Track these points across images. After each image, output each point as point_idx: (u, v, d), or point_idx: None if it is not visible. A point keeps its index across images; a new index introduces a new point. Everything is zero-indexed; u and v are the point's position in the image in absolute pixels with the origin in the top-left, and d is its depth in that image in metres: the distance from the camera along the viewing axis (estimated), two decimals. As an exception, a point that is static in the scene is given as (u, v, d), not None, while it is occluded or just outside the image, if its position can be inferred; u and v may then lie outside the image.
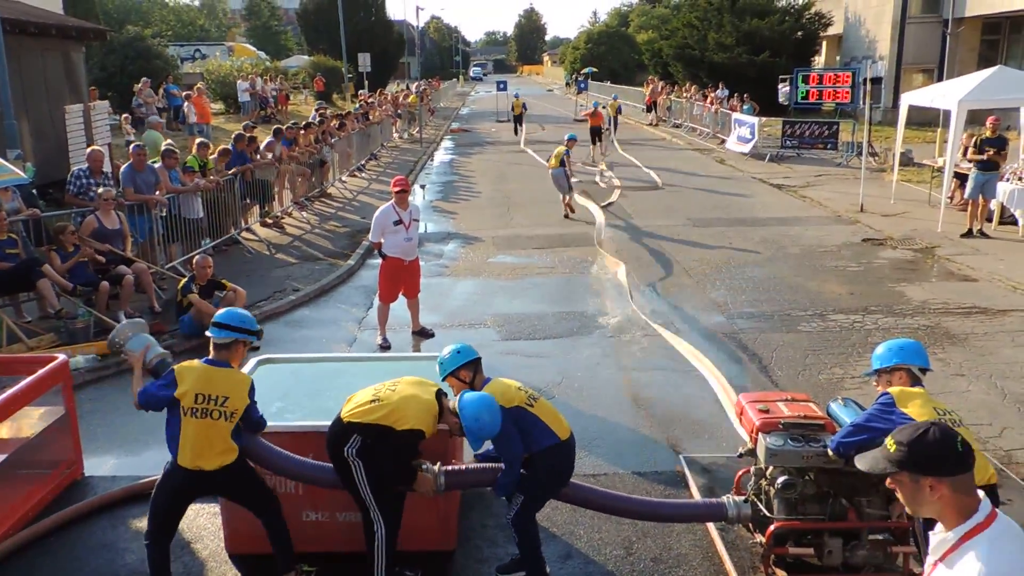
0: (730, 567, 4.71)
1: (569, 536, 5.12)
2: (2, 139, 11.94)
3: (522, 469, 4.37)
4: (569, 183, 15.33)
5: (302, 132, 16.56)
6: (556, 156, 15.00)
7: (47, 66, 14.50)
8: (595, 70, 49.58)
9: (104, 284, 8.79)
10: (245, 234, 13.13)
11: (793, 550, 4.51)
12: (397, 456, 4.22)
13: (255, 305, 9.50)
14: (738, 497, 4.73)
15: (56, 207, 11.50)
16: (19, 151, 11.88)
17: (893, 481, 2.30)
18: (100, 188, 9.71)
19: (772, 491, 4.50)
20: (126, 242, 9.79)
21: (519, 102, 29.61)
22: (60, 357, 5.81)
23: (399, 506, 4.42)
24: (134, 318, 6.21)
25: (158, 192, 10.58)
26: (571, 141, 15.60)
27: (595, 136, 22.60)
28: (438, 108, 44.41)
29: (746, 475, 4.90)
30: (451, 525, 5.02)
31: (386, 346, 8.44)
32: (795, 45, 34.86)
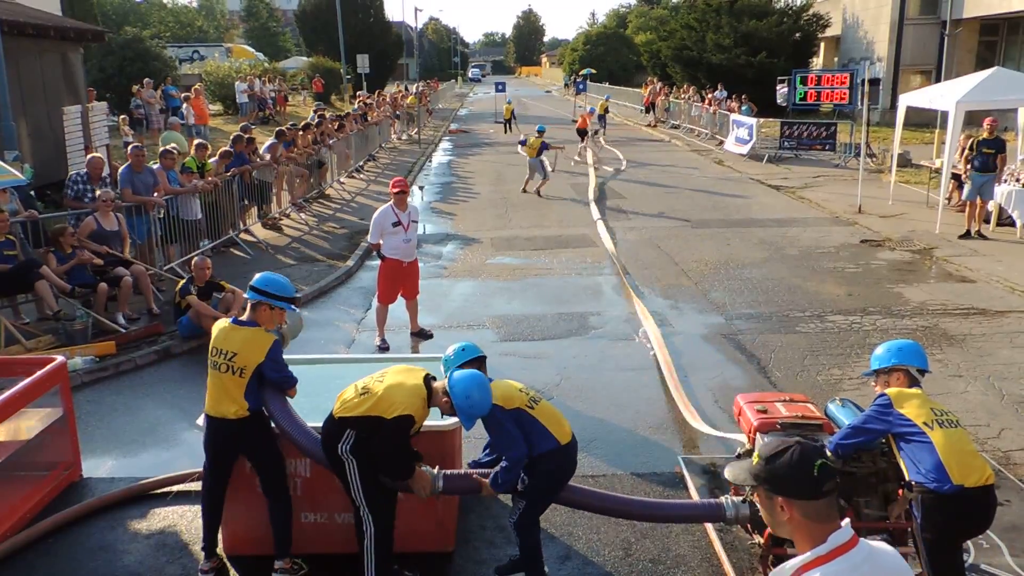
0: (729, 568, 4.72)
1: (568, 537, 5.12)
2: (0, 140, 11.93)
3: (523, 474, 4.36)
4: (545, 171, 17.80)
5: (300, 133, 16.57)
6: (532, 147, 17.71)
7: (45, 67, 14.48)
8: (593, 71, 49.62)
9: (102, 286, 8.78)
10: (243, 235, 13.13)
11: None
12: (391, 445, 4.20)
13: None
14: (736, 498, 4.72)
15: (54, 208, 11.49)
16: (17, 152, 11.87)
17: (756, 494, 2.24)
18: (98, 192, 9.70)
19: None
20: (124, 243, 9.78)
21: (509, 108, 32.59)
22: (58, 358, 5.81)
23: (391, 507, 4.41)
24: (133, 319, 6.23)
25: (156, 193, 10.58)
26: (541, 133, 18.08)
27: (581, 136, 24.12)
28: (436, 109, 44.42)
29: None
30: (449, 527, 5.02)
31: (385, 347, 8.43)
32: (793, 46, 34.91)
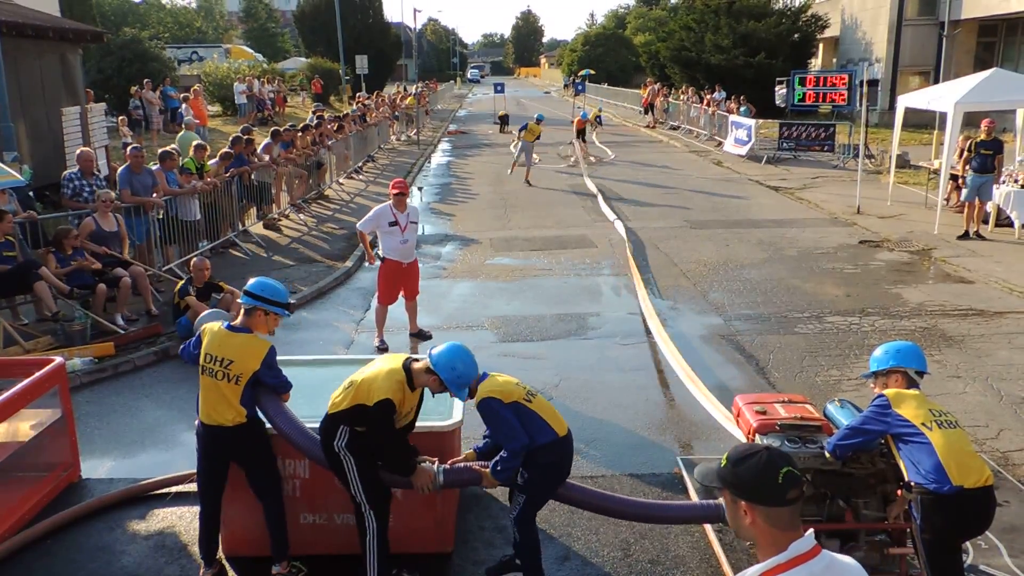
0: (727, 569, 4.72)
1: (566, 538, 5.12)
2: (-1, 141, 11.94)
3: (522, 468, 4.37)
4: (530, 159, 19.21)
5: (299, 134, 16.55)
6: (532, 132, 19.11)
7: (44, 68, 14.47)
8: (592, 72, 49.66)
9: (101, 286, 8.77)
10: (242, 236, 13.13)
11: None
12: (382, 433, 4.21)
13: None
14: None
15: (53, 209, 11.48)
16: (16, 153, 11.87)
17: (723, 496, 2.25)
18: (96, 189, 9.69)
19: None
20: (123, 244, 9.78)
21: (503, 113, 34.83)
22: (57, 359, 5.80)
23: (387, 505, 4.43)
24: (132, 320, 6.21)
25: (155, 194, 10.58)
26: (540, 121, 19.48)
27: (579, 135, 24.23)
28: (435, 110, 44.40)
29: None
30: (448, 527, 5.02)
31: (384, 348, 8.43)
32: (792, 47, 34.90)
